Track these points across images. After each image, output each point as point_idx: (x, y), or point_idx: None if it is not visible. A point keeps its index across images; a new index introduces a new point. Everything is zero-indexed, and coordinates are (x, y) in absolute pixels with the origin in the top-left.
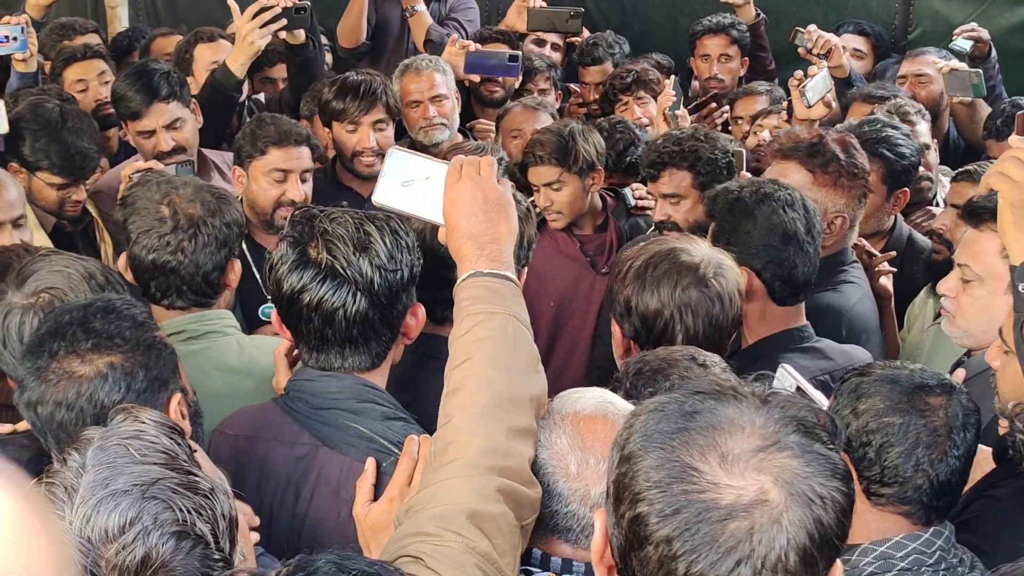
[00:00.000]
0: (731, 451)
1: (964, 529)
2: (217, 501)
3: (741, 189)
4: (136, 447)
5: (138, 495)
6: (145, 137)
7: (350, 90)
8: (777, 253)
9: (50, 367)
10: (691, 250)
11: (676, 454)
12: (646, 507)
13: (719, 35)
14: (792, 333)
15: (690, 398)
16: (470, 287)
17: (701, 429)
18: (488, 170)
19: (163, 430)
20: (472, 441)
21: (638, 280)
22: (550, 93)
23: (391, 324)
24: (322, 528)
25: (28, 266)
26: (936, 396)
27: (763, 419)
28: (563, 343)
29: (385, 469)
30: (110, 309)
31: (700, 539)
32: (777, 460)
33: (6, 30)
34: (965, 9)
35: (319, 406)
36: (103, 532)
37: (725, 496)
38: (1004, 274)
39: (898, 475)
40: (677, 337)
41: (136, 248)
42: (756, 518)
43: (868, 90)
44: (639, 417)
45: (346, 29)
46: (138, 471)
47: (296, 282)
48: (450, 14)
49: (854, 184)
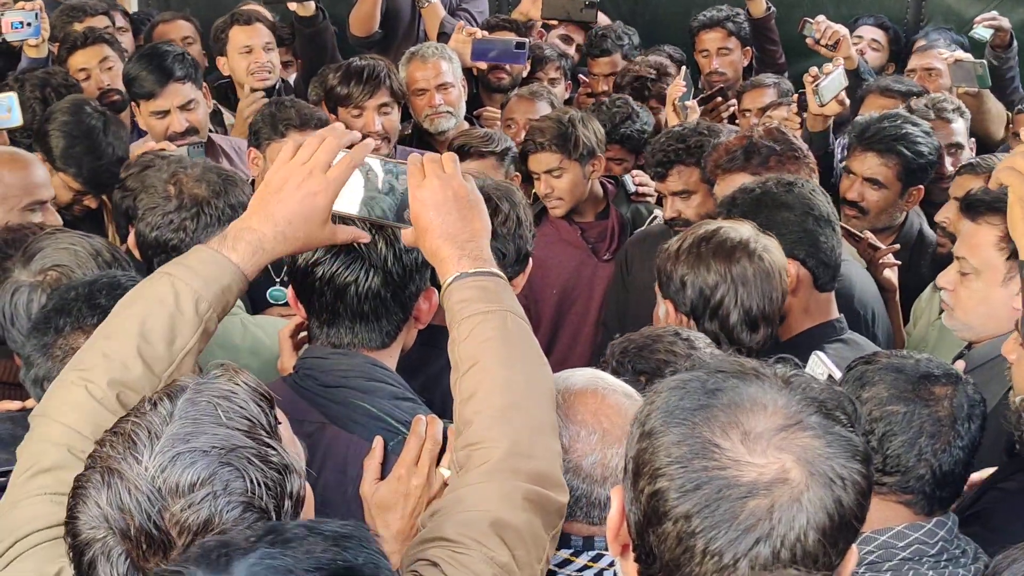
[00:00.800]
0: (753, 429)
1: (974, 522)
2: (288, 479)
3: (762, 185)
4: (224, 408)
5: (215, 457)
6: (159, 117)
7: (354, 75)
8: (816, 236)
9: (56, 343)
10: (738, 228)
11: (697, 430)
12: (666, 482)
13: (715, 29)
14: (833, 324)
15: (712, 376)
16: (459, 290)
17: (724, 406)
18: (452, 167)
19: (255, 396)
20: (495, 444)
21: (692, 256)
22: (560, 82)
23: (403, 304)
24: (329, 506)
25: (34, 244)
26: (941, 386)
27: (785, 399)
28: (566, 331)
29: (392, 448)
30: (115, 285)
31: (720, 516)
32: (799, 439)
33: (20, 15)
34: (977, 5)
35: (328, 383)
36: (174, 486)
37: (746, 473)
38: (1001, 267)
39: (900, 464)
40: (732, 311)
41: (141, 225)
42: (776, 496)
43: (886, 83)
44: (660, 394)
45: (359, 18)
46: (221, 433)
47: (311, 255)
48: (461, 4)
49: (799, 165)
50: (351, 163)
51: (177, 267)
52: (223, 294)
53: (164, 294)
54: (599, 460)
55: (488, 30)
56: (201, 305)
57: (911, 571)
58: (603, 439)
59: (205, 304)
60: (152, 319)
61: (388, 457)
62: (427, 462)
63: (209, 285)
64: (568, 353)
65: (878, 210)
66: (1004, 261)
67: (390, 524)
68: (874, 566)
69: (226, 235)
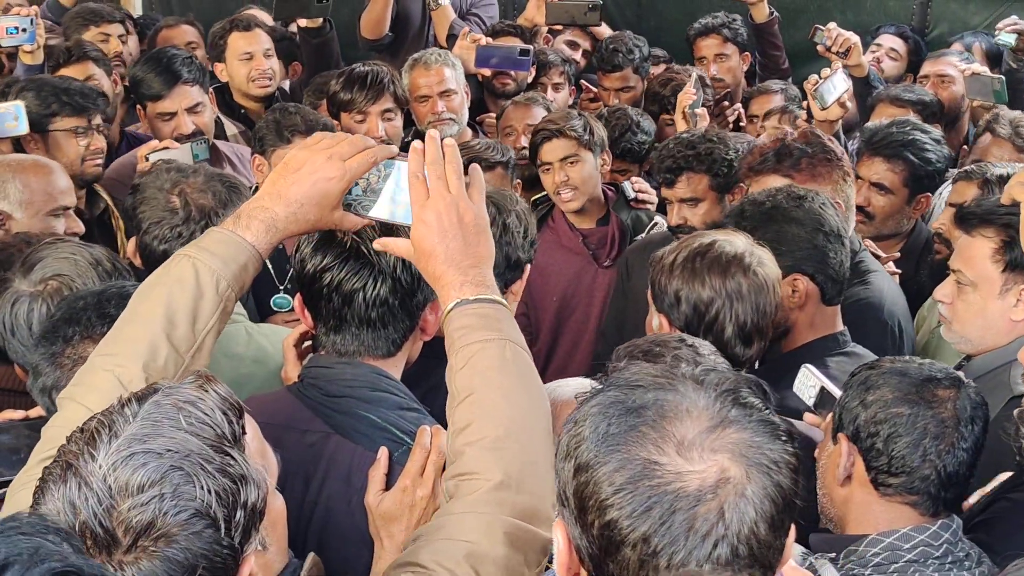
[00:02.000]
0: (684, 437)
1: (981, 529)
2: (244, 490)
3: (772, 197)
4: (187, 413)
5: (168, 460)
6: (165, 119)
7: (357, 80)
8: (826, 252)
9: (65, 352)
10: (732, 241)
11: (633, 452)
12: (616, 512)
13: (711, 36)
14: (836, 337)
15: (631, 392)
16: (459, 317)
17: (651, 422)
18: (458, 184)
19: (222, 404)
20: (485, 476)
21: (687, 271)
22: (564, 88)
23: (410, 312)
24: (332, 517)
25: (34, 253)
26: (945, 389)
27: (704, 399)
28: (566, 337)
29: (397, 459)
30: (124, 295)
31: (677, 530)
32: (728, 437)
33: (16, 21)
34: (983, 11)
35: (333, 393)
36: (124, 485)
37: (690, 483)
38: (997, 279)
39: (905, 465)
40: (727, 325)
41: (147, 238)
42: (723, 497)
43: (896, 92)
44: (583, 424)
45: (371, 21)
46: (178, 438)
47: (320, 262)
48: (471, 9)
49: (831, 168)
50: (372, 157)
51: (195, 249)
52: (241, 273)
53: (185, 275)
54: None
55: (493, 36)
56: (221, 284)
57: (916, 573)
58: None
59: (224, 283)
60: (175, 300)
61: (393, 468)
62: (432, 473)
63: (227, 265)
64: (568, 360)
65: (884, 215)
66: (1000, 273)
67: (395, 535)
68: (880, 568)
69: (239, 215)
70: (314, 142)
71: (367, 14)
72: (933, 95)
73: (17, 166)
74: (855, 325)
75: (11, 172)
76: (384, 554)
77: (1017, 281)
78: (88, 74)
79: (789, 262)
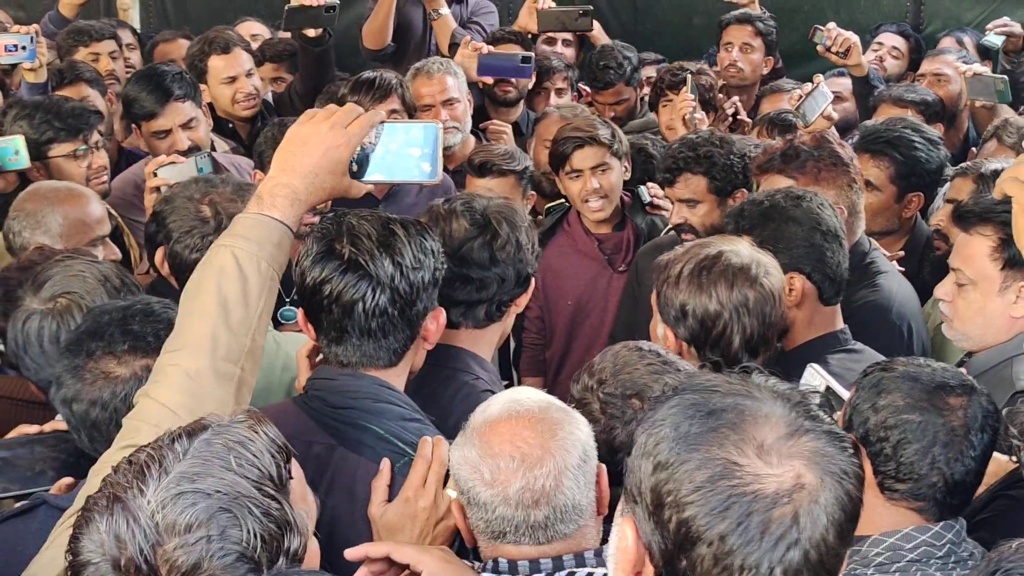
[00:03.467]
0: (764, 441)
1: (982, 528)
2: (288, 536)
3: (770, 197)
4: (237, 454)
5: (217, 502)
6: (160, 137)
7: (363, 84)
8: (823, 252)
9: (87, 366)
10: (738, 251)
11: (714, 452)
12: (695, 509)
13: (745, 24)
14: (837, 336)
15: (709, 396)
16: None
17: (731, 424)
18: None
19: (272, 447)
20: None
21: (693, 284)
22: (567, 92)
23: (410, 322)
24: (337, 527)
25: (44, 271)
26: (956, 396)
27: (780, 408)
28: (580, 341)
29: (399, 470)
30: (148, 312)
31: (752, 531)
32: (803, 444)
33: (15, 39)
34: (976, 7)
35: (336, 404)
36: (171, 524)
37: (768, 485)
38: (996, 276)
39: (913, 472)
40: (734, 338)
41: (178, 247)
42: (798, 502)
43: (899, 92)
44: (662, 423)
45: (373, 31)
46: (228, 479)
47: (319, 274)
48: (472, 17)
49: (836, 173)
50: (369, 120)
51: (229, 237)
52: (276, 251)
53: (227, 264)
54: (525, 485)
55: (493, 43)
56: (262, 265)
57: (919, 572)
58: (524, 463)
59: (265, 264)
60: (224, 289)
61: (395, 479)
62: (433, 484)
63: (263, 246)
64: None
65: (872, 212)
66: (999, 271)
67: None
68: (882, 567)
69: (260, 196)
70: (308, 117)
71: (369, 24)
72: (935, 94)
73: (54, 197)
74: (864, 327)
75: (49, 205)
76: None
77: (1016, 278)
78: (82, 95)
79: (786, 260)
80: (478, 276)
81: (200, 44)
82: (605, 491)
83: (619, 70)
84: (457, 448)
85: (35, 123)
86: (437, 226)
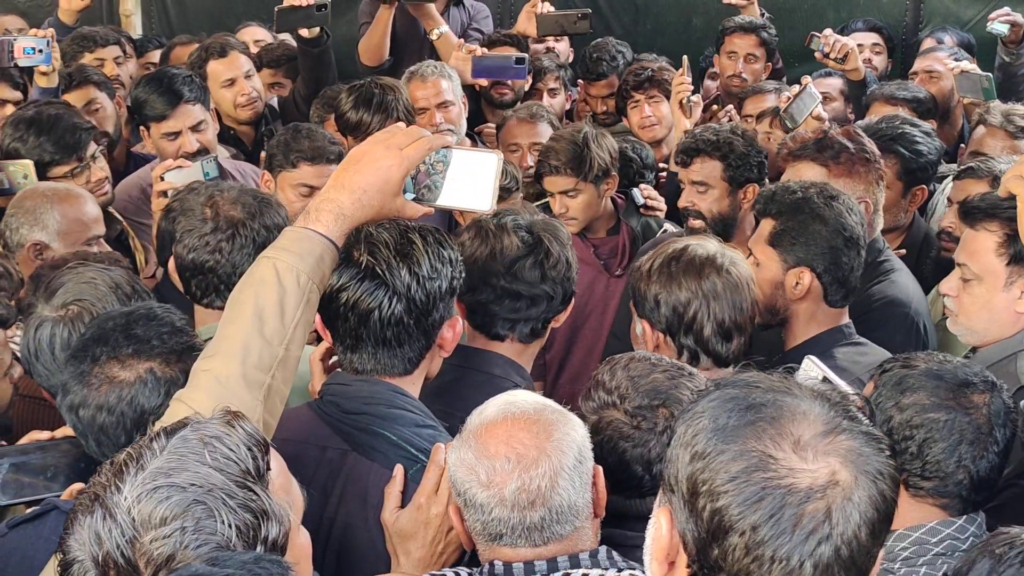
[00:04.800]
0: (801, 437)
1: (994, 515)
2: (265, 525)
3: (806, 190)
4: (212, 448)
5: (191, 495)
6: (170, 139)
7: (365, 101)
8: (840, 256)
9: (92, 372)
10: (704, 245)
11: (750, 445)
12: (729, 498)
13: (750, 34)
14: (841, 330)
15: (750, 391)
16: None
17: (770, 419)
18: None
19: (248, 441)
20: None
21: (663, 275)
22: (560, 93)
23: (426, 331)
24: (350, 533)
25: (57, 279)
26: (980, 393)
27: (819, 407)
28: (580, 347)
29: (412, 476)
30: (151, 316)
31: (785, 523)
32: (840, 443)
33: (33, 42)
34: (975, 6)
35: (350, 410)
36: (147, 517)
37: (802, 480)
38: (1001, 272)
39: (940, 470)
40: (706, 324)
41: (179, 248)
42: (831, 498)
43: (890, 90)
44: (702, 415)
45: (371, 48)
46: (203, 472)
47: (336, 281)
48: (471, 24)
49: (868, 169)
50: (428, 144)
51: (273, 250)
52: (318, 264)
53: (267, 275)
54: (521, 486)
55: (488, 46)
56: (301, 278)
57: (944, 564)
58: (519, 464)
59: (304, 277)
60: (261, 299)
61: (407, 486)
62: (446, 491)
63: (304, 259)
64: (581, 368)
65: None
66: (1004, 266)
67: (411, 552)
68: (908, 561)
69: (308, 211)
70: (375, 137)
71: (365, 41)
72: (926, 91)
73: (53, 196)
74: (881, 322)
75: (48, 202)
76: (400, 570)
77: (1022, 274)
78: (91, 98)
79: (801, 255)
80: (528, 293)
81: (198, 51)
82: (602, 493)
83: (612, 63)
84: (454, 450)
85: (28, 147)
86: (487, 242)
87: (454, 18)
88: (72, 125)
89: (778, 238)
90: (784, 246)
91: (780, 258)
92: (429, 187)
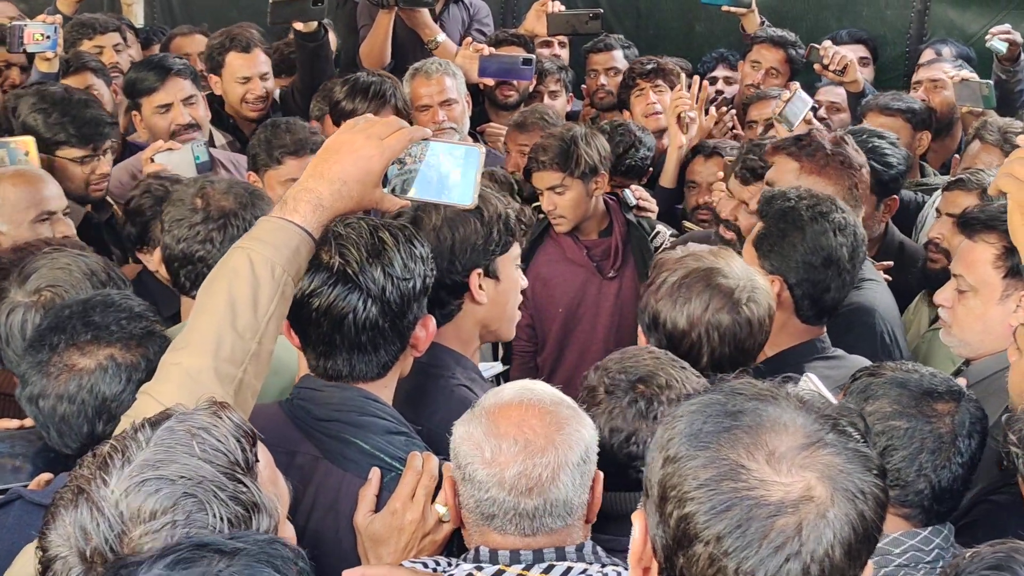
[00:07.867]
0: (777, 449)
1: (966, 532)
2: (256, 518)
3: (799, 200)
4: (200, 440)
5: (181, 487)
6: (162, 112)
7: (360, 91)
8: (814, 273)
9: (51, 361)
10: (728, 271)
11: (723, 452)
12: (695, 506)
13: (779, 49)
14: (815, 343)
15: (731, 398)
16: None
17: (747, 428)
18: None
19: (236, 432)
20: None
21: (670, 297)
22: (561, 95)
23: (401, 333)
24: (320, 541)
25: (30, 264)
26: (944, 403)
27: (803, 418)
28: (572, 348)
29: (386, 484)
30: (109, 303)
31: (751, 536)
32: (820, 457)
33: (41, 28)
34: (980, 19)
35: (321, 416)
36: (136, 511)
37: (773, 493)
38: (998, 284)
39: (900, 478)
40: (703, 357)
41: (168, 238)
42: (804, 514)
43: (885, 101)
44: (680, 419)
45: (372, 52)
46: (192, 464)
47: (307, 285)
48: (473, 24)
49: (841, 173)
50: (408, 135)
51: (248, 240)
52: (294, 257)
53: (240, 266)
54: (523, 471)
55: (495, 45)
56: (276, 270)
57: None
58: (526, 449)
59: (279, 269)
60: (234, 291)
61: (381, 494)
62: (422, 497)
63: (279, 251)
64: (574, 371)
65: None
66: (1001, 279)
67: (383, 557)
68: None
69: (285, 201)
70: (350, 127)
71: (367, 45)
72: (922, 103)
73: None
74: (849, 330)
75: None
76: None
77: (1017, 287)
78: (87, 84)
79: (776, 263)
80: None
81: (222, 37)
82: (598, 498)
83: (616, 41)
84: (462, 424)
85: (50, 122)
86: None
87: (454, 16)
88: (98, 116)
89: (759, 241)
90: (763, 251)
91: (759, 262)
92: (408, 179)
